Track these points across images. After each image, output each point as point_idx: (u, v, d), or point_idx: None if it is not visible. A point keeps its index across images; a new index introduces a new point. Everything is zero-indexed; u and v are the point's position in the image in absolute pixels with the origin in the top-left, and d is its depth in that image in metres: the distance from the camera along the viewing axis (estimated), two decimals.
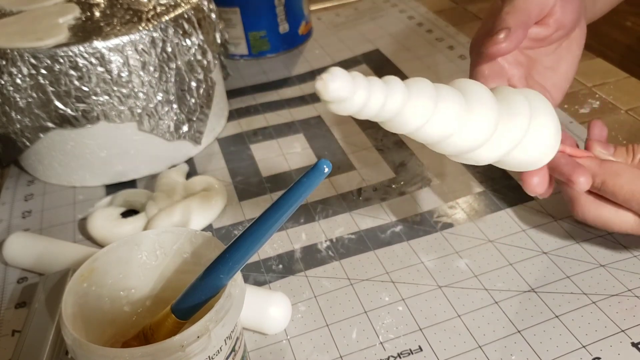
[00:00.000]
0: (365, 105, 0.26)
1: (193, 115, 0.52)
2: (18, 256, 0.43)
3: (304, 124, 0.58)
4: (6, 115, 0.48)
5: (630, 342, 0.33)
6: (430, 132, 0.28)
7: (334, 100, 0.25)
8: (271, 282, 0.40)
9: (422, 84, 0.28)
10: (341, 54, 0.70)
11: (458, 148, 0.30)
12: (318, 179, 0.24)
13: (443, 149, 0.30)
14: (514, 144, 0.31)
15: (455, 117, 0.28)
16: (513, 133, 0.31)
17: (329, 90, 0.24)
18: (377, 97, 0.26)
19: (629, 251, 0.39)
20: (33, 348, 0.34)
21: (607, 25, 0.40)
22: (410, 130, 0.28)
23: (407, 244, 0.42)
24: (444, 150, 0.30)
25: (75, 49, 0.45)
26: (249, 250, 0.25)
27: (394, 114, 0.27)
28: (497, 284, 0.38)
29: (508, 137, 0.31)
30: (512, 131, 0.31)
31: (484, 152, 0.31)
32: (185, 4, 0.50)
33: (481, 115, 0.29)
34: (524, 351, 0.33)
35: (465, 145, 0.30)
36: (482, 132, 0.29)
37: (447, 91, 0.29)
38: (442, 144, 0.30)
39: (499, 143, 0.31)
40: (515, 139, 0.31)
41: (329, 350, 0.35)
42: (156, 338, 0.27)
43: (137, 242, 0.30)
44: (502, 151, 0.31)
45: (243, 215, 0.47)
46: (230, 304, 0.26)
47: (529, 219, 0.43)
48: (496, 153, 0.31)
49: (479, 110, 0.29)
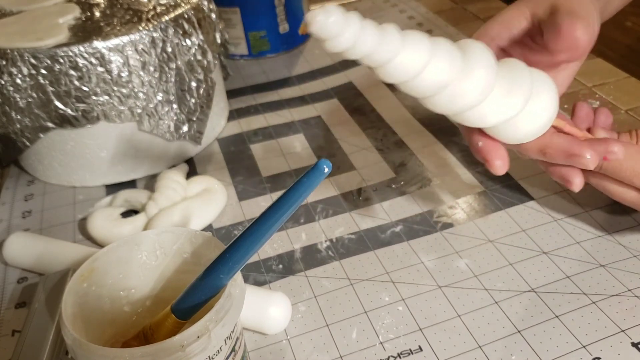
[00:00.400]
0: (354, 45, 0.26)
1: (193, 115, 0.52)
2: (18, 256, 0.43)
3: (304, 124, 0.58)
4: (6, 115, 0.48)
5: (630, 342, 0.33)
6: (422, 85, 0.28)
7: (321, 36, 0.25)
8: (271, 282, 0.40)
9: (418, 36, 0.28)
10: (341, 54, 0.70)
11: (448, 106, 0.29)
12: (318, 179, 0.24)
13: (434, 104, 0.30)
14: (510, 112, 0.30)
15: (447, 72, 0.28)
16: (510, 100, 0.30)
17: (316, 23, 0.24)
18: (367, 39, 0.26)
19: (629, 251, 0.39)
20: (33, 348, 0.34)
21: (607, 25, 0.40)
22: (402, 80, 0.28)
23: (407, 244, 0.42)
24: (435, 106, 0.30)
25: (75, 49, 0.45)
26: (249, 250, 0.25)
27: (386, 61, 0.27)
28: (497, 284, 0.38)
29: (503, 104, 0.30)
30: (510, 98, 0.30)
31: (478, 113, 0.30)
32: (185, 4, 0.50)
33: (476, 74, 0.29)
34: (524, 351, 0.33)
35: (456, 104, 0.29)
36: (475, 92, 0.29)
37: (444, 46, 0.28)
38: (432, 99, 0.29)
39: (493, 107, 0.30)
40: (511, 107, 0.30)
41: (329, 350, 0.35)
42: (156, 338, 0.27)
43: (137, 242, 0.30)
44: (496, 116, 0.30)
45: (243, 215, 0.47)
46: (230, 304, 0.26)
47: (529, 218, 0.43)
48: (490, 117, 0.30)
49: (475, 69, 0.29)
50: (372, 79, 0.64)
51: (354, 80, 0.64)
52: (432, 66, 0.28)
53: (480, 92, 0.29)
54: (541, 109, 0.32)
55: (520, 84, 0.31)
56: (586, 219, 0.42)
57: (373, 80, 0.64)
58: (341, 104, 0.60)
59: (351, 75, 0.65)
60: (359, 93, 0.62)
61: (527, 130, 0.33)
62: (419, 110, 0.57)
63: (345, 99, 0.61)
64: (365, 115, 0.58)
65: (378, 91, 0.62)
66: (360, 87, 0.63)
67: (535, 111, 0.32)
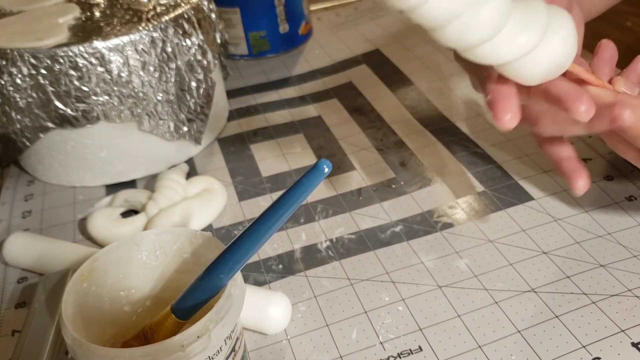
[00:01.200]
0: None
1: (193, 115, 0.52)
2: (18, 256, 0.43)
3: (304, 124, 0.58)
4: (6, 115, 0.48)
5: (630, 342, 0.33)
6: (432, 13, 0.27)
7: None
8: (271, 282, 0.40)
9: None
10: (341, 54, 0.70)
11: (460, 38, 0.28)
12: (318, 179, 0.24)
13: (445, 36, 0.28)
14: (525, 48, 0.29)
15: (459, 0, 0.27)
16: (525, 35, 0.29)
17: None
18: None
19: (629, 251, 0.39)
20: (33, 348, 0.34)
21: (607, 25, 0.40)
22: (411, 5, 0.26)
23: (407, 244, 0.42)
24: (446, 39, 0.29)
25: (75, 49, 0.45)
26: (249, 250, 0.25)
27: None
28: (497, 284, 0.38)
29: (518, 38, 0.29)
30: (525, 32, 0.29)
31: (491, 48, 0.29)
32: (185, 4, 0.50)
33: (490, 3, 0.27)
34: (524, 351, 0.33)
35: (468, 36, 0.28)
36: (489, 23, 0.27)
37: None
38: (444, 31, 0.28)
39: (507, 42, 0.29)
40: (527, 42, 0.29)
41: (329, 350, 0.35)
42: (156, 338, 0.27)
43: (137, 242, 0.30)
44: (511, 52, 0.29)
45: (243, 215, 0.47)
46: (230, 304, 0.26)
47: (529, 219, 0.43)
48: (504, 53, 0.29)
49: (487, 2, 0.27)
50: (372, 78, 0.64)
51: (354, 80, 0.64)
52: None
53: (494, 24, 0.28)
54: (559, 46, 0.30)
55: (536, 17, 0.29)
56: (586, 219, 0.42)
57: (373, 80, 0.64)
58: (341, 104, 0.60)
59: (351, 75, 0.65)
60: (359, 93, 0.62)
61: (542, 68, 0.31)
62: (419, 110, 0.57)
63: (345, 99, 0.61)
64: (365, 115, 0.58)
65: (378, 91, 0.62)
66: (360, 87, 0.63)
67: (552, 48, 0.30)
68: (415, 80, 0.62)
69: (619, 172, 0.46)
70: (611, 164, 0.47)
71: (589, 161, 0.47)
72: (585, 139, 0.50)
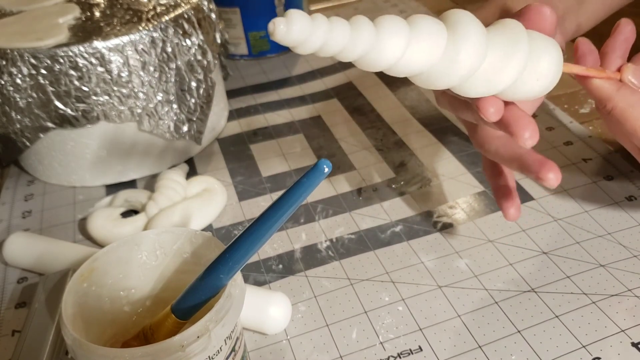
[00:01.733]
0: (324, 47, 0.25)
1: (193, 115, 0.52)
2: (18, 256, 0.43)
3: (304, 124, 0.58)
4: (6, 115, 0.48)
5: (630, 342, 0.33)
6: (405, 68, 0.27)
7: (286, 44, 0.24)
8: (271, 282, 0.40)
9: (392, 21, 0.27)
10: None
11: (439, 82, 0.28)
12: (318, 179, 0.24)
13: (422, 81, 0.29)
14: (509, 78, 0.29)
15: (429, 51, 0.27)
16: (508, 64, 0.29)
17: (277, 33, 0.24)
18: (337, 38, 0.26)
19: (629, 251, 0.39)
20: (33, 348, 0.34)
21: (607, 25, 0.40)
22: (383, 67, 0.27)
23: (407, 244, 0.42)
24: (424, 83, 0.29)
25: (75, 49, 0.45)
26: (249, 250, 0.25)
27: (361, 55, 0.26)
28: (497, 284, 0.38)
29: (499, 70, 0.29)
30: (507, 61, 0.29)
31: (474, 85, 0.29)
32: (185, 4, 0.50)
33: (463, 46, 0.27)
34: (524, 351, 0.33)
35: (445, 79, 0.28)
36: (464, 64, 0.28)
37: (424, 25, 0.27)
38: (420, 77, 0.29)
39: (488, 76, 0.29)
40: (510, 71, 0.29)
41: (329, 350, 0.35)
42: (156, 338, 0.27)
43: (137, 242, 0.30)
44: (494, 87, 0.29)
45: (243, 215, 0.47)
46: (230, 304, 0.26)
47: (529, 219, 0.43)
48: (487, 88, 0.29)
49: (461, 41, 0.27)
50: (372, 78, 0.64)
51: (354, 80, 0.64)
52: (412, 49, 0.27)
53: (469, 65, 0.28)
54: (545, 66, 0.30)
55: (517, 46, 0.29)
56: (586, 219, 0.42)
57: (373, 80, 0.64)
58: (341, 104, 0.60)
59: (351, 75, 0.65)
60: (359, 93, 0.62)
61: (533, 88, 0.31)
62: (419, 110, 0.57)
63: (345, 99, 0.61)
64: (365, 115, 0.58)
65: (378, 91, 0.62)
66: (360, 87, 0.63)
67: (537, 70, 0.30)
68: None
69: (619, 172, 0.46)
70: (611, 164, 0.47)
71: (589, 161, 0.47)
72: (585, 138, 0.50)
